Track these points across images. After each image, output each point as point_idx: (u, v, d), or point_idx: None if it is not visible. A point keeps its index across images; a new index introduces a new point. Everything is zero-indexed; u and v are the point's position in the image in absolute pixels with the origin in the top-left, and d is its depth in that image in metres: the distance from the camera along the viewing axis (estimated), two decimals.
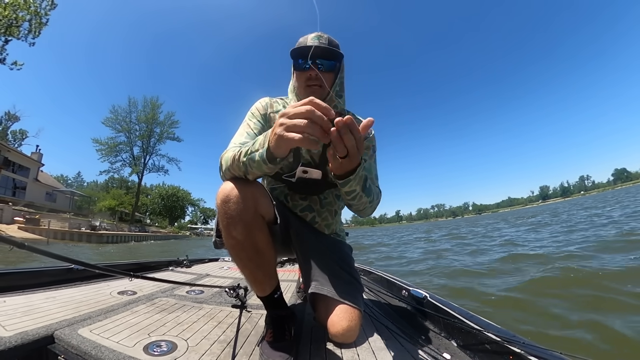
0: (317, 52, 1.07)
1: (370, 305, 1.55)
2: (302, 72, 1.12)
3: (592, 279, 3.00)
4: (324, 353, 1.01)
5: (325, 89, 1.10)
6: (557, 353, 0.87)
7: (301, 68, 1.11)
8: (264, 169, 0.85)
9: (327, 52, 1.09)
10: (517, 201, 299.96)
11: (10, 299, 1.29)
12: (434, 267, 5.12)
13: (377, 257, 8.09)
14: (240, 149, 0.89)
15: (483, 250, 6.64)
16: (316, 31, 1.13)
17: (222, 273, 2.58)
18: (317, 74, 1.08)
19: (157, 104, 39.33)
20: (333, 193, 1.28)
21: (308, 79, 1.11)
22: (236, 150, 0.90)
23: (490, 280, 3.66)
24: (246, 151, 0.86)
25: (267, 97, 1.28)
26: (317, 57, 1.08)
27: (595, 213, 13.43)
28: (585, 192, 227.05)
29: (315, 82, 1.10)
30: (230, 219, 0.90)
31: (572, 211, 19.42)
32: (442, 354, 1.04)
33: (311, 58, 1.07)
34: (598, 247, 4.66)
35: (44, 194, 30.33)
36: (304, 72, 1.11)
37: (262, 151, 0.79)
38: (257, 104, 1.24)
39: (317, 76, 1.09)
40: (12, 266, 2.71)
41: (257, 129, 1.15)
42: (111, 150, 36.47)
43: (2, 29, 13.17)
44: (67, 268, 1.78)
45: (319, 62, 1.09)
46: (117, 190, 44.57)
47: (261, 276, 1.01)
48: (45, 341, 0.93)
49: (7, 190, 25.56)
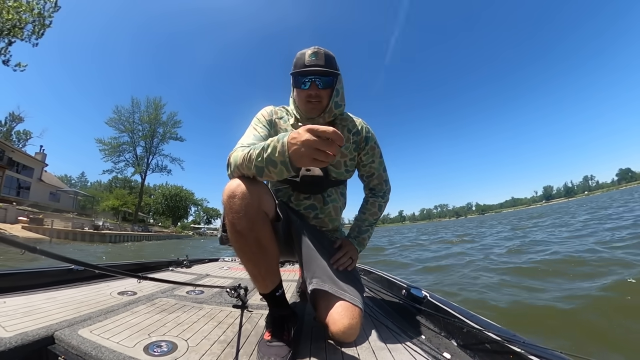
0: (315, 72, 1.17)
1: (370, 305, 1.55)
2: (302, 90, 1.20)
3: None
4: (324, 353, 1.00)
5: (325, 102, 1.22)
6: (558, 352, 0.87)
7: (300, 87, 1.20)
8: (284, 175, 0.91)
9: (324, 71, 1.17)
10: (520, 201, 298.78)
11: (11, 299, 1.30)
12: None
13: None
14: (250, 150, 0.94)
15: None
16: (314, 46, 1.21)
17: (222, 273, 2.59)
18: (316, 93, 1.18)
19: (159, 104, 39.54)
20: (337, 191, 1.36)
21: (308, 96, 1.19)
22: (245, 151, 0.95)
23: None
24: (258, 154, 0.91)
25: (271, 106, 1.38)
26: (315, 76, 1.17)
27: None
28: (590, 192, 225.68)
29: (314, 99, 1.20)
30: (235, 214, 0.94)
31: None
32: (442, 353, 1.03)
33: (309, 76, 1.17)
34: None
35: (48, 194, 30.52)
36: (303, 90, 1.20)
37: (284, 160, 0.86)
38: (262, 111, 1.34)
39: (317, 94, 1.19)
40: (12, 267, 2.72)
41: (264, 132, 1.23)
42: (114, 150, 36.70)
43: (6, 31, 13.25)
44: (67, 268, 1.79)
45: (317, 80, 1.17)
46: (121, 190, 44.83)
47: (264, 271, 1.04)
48: (46, 342, 0.94)
49: (11, 190, 25.74)
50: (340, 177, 1.34)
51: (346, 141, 1.31)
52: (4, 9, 12.82)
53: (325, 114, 1.24)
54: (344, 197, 1.42)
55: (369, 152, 1.36)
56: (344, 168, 1.33)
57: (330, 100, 1.22)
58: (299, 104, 1.26)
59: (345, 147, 1.31)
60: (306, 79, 1.17)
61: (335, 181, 1.33)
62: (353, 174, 1.42)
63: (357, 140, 1.33)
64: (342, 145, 0.82)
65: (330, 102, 1.22)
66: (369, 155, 1.37)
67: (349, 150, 1.32)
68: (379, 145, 1.39)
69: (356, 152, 1.35)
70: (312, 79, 1.17)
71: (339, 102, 1.26)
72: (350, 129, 1.33)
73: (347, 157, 1.32)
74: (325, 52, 1.18)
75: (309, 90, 1.18)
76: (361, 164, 1.39)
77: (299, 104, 1.25)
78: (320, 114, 1.23)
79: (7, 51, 14.02)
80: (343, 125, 1.32)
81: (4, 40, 13.73)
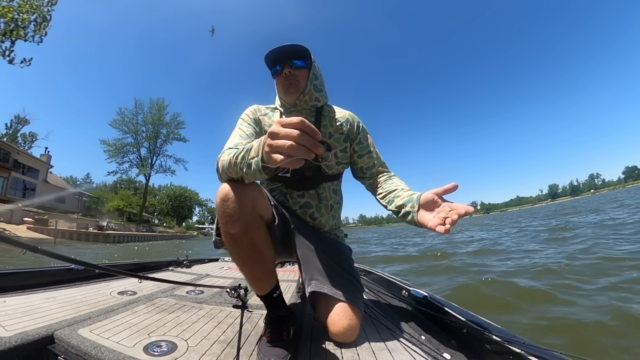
0: (281, 54, 1.19)
1: (370, 305, 1.54)
2: (279, 75, 1.22)
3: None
4: (324, 353, 1.00)
5: (303, 83, 1.22)
6: (557, 353, 0.86)
7: (276, 71, 1.22)
8: (258, 177, 0.85)
9: (291, 51, 1.18)
10: (525, 200, 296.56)
11: (10, 299, 1.31)
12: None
13: None
14: (236, 152, 0.89)
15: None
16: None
17: (222, 273, 2.59)
18: (290, 72, 1.19)
19: (162, 105, 39.73)
20: (329, 188, 1.33)
21: (284, 77, 1.21)
22: (232, 154, 0.90)
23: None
24: (242, 156, 0.85)
25: (255, 104, 1.38)
26: (287, 59, 1.19)
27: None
28: (596, 190, 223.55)
29: (291, 78, 1.20)
30: (228, 217, 0.92)
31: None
32: (442, 354, 1.03)
33: (280, 60, 1.19)
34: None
35: None
36: (280, 75, 1.22)
37: (257, 159, 0.79)
38: (246, 110, 1.34)
39: (291, 72, 1.20)
40: (12, 266, 2.73)
41: (250, 131, 1.22)
42: (118, 152, 36.93)
43: (8, 32, 13.33)
44: (67, 268, 1.79)
45: (289, 62, 1.19)
46: (125, 191, 45.14)
47: (259, 274, 1.03)
48: (45, 341, 0.94)
49: (17, 192, 25.99)
50: (332, 171, 1.31)
51: (335, 132, 1.30)
52: (8, 10, 12.90)
53: (305, 95, 1.24)
54: (339, 194, 1.39)
55: (362, 141, 1.34)
56: (335, 160, 1.31)
57: (308, 82, 1.22)
58: (279, 93, 1.28)
59: (335, 138, 1.30)
60: (279, 64, 1.21)
61: (327, 176, 1.31)
62: (346, 167, 1.38)
63: (347, 131, 1.32)
64: (318, 138, 0.68)
65: (309, 83, 1.22)
66: (363, 146, 1.34)
67: (339, 141, 1.30)
68: (370, 136, 1.37)
69: (347, 143, 1.33)
70: (285, 62, 1.19)
71: (318, 86, 1.26)
72: (339, 119, 1.31)
73: (337, 148, 1.30)
74: (294, 43, 1.19)
75: (284, 70, 1.20)
76: (357, 155, 1.35)
77: (279, 92, 1.27)
78: (300, 95, 1.23)
79: (11, 50, 14.08)
80: (331, 117, 1.31)
81: (5, 41, 13.80)
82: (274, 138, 0.69)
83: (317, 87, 1.25)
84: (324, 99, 1.30)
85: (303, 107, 1.27)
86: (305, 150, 0.67)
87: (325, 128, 1.29)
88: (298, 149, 0.66)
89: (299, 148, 0.66)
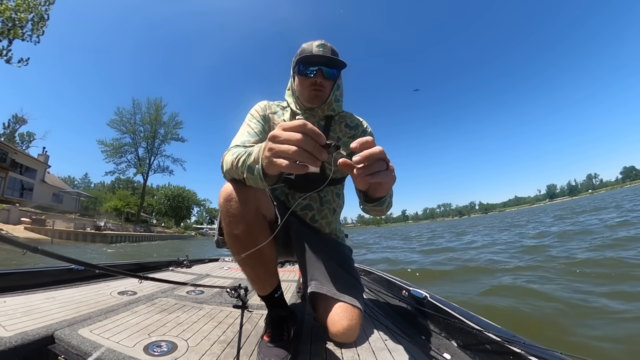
0: (322, 61, 1.15)
1: (370, 305, 1.55)
2: (306, 78, 1.17)
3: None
4: (324, 353, 1.00)
5: (327, 94, 1.20)
6: (557, 353, 0.86)
7: (305, 74, 1.17)
8: (259, 185, 0.82)
9: (331, 62, 1.15)
10: (524, 200, 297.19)
11: (11, 299, 1.30)
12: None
13: None
14: (239, 154, 0.87)
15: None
16: (319, 39, 1.19)
17: (222, 273, 2.59)
18: (321, 81, 1.16)
19: (160, 105, 39.67)
20: (332, 191, 1.32)
21: (313, 83, 1.16)
22: (234, 156, 0.89)
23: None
24: (243, 160, 0.84)
25: (265, 100, 1.33)
26: (322, 66, 1.15)
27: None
28: (594, 190, 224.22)
29: (318, 87, 1.17)
30: (232, 217, 0.92)
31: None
32: (442, 354, 1.03)
33: (317, 66, 1.15)
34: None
35: (51, 195, 30.67)
36: (308, 78, 1.17)
37: (258, 167, 0.77)
38: (256, 106, 1.29)
39: (321, 83, 1.16)
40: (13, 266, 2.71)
41: (258, 128, 1.19)
42: (116, 152, 36.85)
43: (5, 31, 13.28)
44: (67, 268, 1.79)
45: (324, 69, 1.15)
46: (123, 191, 45.02)
47: (262, 274, 1.03)
48: (46, 341, 0.94)
49: (14, 192, 25.87)
50: (337, 175, 1.30)
51: (343, 136, 1.29)
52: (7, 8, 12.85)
53: (325, 105, 1.22)
54: (341, 198, 1.37)
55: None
56: None
57: (331, 92, 1.20)
58: (300, 93, 1.21)
59: (342, 142, 1.28)
60: (313, 67, 1.15)
61: (331, 179, 1.28)
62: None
63: (355, 134, 1.30)
64: (322, 142, 0.65)
65: (331, 94, 1.20)
66: None
67: (346, 145, 1.28)
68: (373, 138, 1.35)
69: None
70: (320, 68, 1.15)
71: (338, 97, 1.25)
72: (349, 124, 1.30)
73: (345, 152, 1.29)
74: (332, 47, 1.18)
75: (315, 77, 1.15)
76: None
77: (301, 92, 1.21)
78: (321, 105, 1.22)
79: (9, 50, 14.03)
80: (341, 121, 1.30)
81: (2, 40, 13.73)
82: (275, 141, 0.67)
83: (337, 97, 1.24)
84: (339, 109, 1.29)
85: (317, 113, 1.25)
86: (308, 156, 0.63)
87: (335, 133, 1.28)
88: (301, 154, 0.63)
89: (301, 153, 0.63)
